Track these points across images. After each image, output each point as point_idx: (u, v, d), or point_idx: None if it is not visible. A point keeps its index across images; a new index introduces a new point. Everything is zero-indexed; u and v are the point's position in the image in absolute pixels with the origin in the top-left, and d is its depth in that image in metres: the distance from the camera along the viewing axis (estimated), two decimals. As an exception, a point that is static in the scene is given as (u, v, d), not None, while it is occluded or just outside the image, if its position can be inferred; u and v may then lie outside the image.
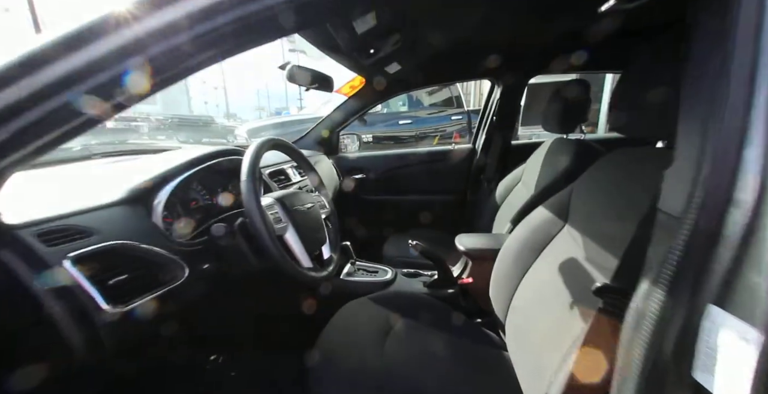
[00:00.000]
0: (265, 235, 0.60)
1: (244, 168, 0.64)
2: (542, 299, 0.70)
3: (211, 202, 0.80)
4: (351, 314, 0.91)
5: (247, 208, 0.60)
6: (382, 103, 4.68)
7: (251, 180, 0.63)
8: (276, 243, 0.62)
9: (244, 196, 0.61)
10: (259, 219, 0.60)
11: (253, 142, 0.69)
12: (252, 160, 0.65)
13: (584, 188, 0.76)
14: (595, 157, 1.11)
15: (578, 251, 0.66)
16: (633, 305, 0.36)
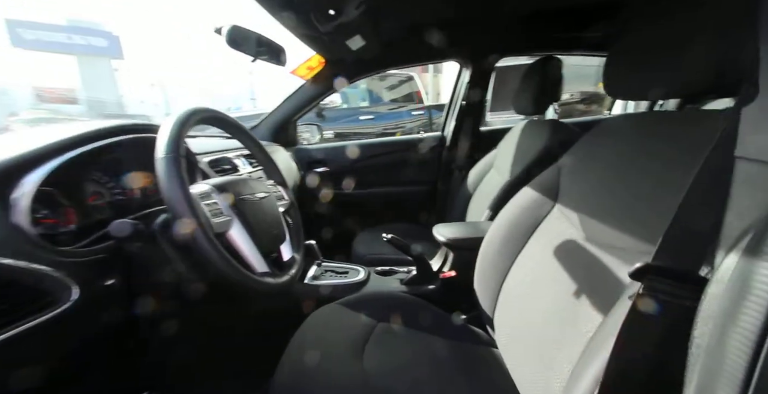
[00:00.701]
0: (197, 232, 0.44)
1: (161, 141, 0.47)
2: (537, 287, 0.62)
3: (124, 197, 0.61)
4: (320, 323, 0.77)
5: (166, 196, 0.44)
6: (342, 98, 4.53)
7: (173, 157, 0.46)
8: (214, 242, 0.45)
9: (161, 178, 0.44)
10: (186, 209, 0.43)
11: (173, 114, 0.52)
12: (174, 131, 0.48)
13: (575, 165, 0.69)
14: (571, 135, 1.09)
15: (576, 232, 0.59)
16: (715, 288, 0.27)
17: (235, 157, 0.98)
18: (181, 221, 0.43)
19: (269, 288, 0.55)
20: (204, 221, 0.45)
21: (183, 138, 0.49)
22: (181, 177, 0.45)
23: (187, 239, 0.44)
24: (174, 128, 0.48)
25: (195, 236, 0.43)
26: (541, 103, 1.13)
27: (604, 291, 0.46)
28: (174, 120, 0.49)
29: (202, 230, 0.44)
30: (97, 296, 0.44)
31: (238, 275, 0.47)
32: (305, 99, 1.55)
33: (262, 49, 0.87)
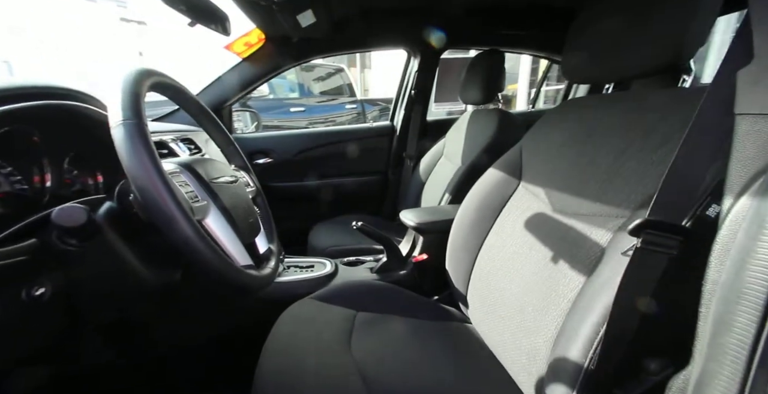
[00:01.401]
0: (179, 218, 0.34)
1: (115, 103, 0.35)
2: (512, 261, 0.66)
3: (27, 187, 0.45)
4: (296, 320, 0.70)
5: (134, 173, 0.33)
6: (268, 87, 4.19)
7: (136, 123, 0.35)
8: (200, 231, 0.36)
9: (124, 151, 0.33)
10: (163, 190, 0.33)
11: (122, 70, 0.40)
12: (131, 91, 0.36)
13: (536, 144, 0.75)
14: (517, 122, 1.20)
15: (543, 205, 0.65)
16: (728, 229, 0.31)
17: (171, 141, 0.82)
18: (157, 205, 0.33)
19: (255, 281, 0.47)
20: (185, 204, 0.36)
21: (143, 101, 0.37)
22: (152, 149, 0.34)
23: (166, 227, 0.34)
24: (129, 88, 0.36)
25: (176, 222, 0.34)
26: (488, 93, 1.21)
27: (581, 256, 0.51)
28: (126, 78, 0.37)
29: (185, 215, 0.34)
30: (24, 309, 0.31)
31: (229, 270, 0.39)
32: (241, 81, 1.38)
33: (203, 12, 0.73)
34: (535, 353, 0.53)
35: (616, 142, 0.54)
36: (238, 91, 1.39)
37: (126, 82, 0.37)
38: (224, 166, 0.56)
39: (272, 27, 1.16)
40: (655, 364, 0.37)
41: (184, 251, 0.36)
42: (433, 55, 1.45)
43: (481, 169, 0.84)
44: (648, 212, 0.37)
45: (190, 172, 0.44)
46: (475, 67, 1.22)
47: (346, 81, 4.81)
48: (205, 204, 0.43)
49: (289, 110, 4.34)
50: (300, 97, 4.58)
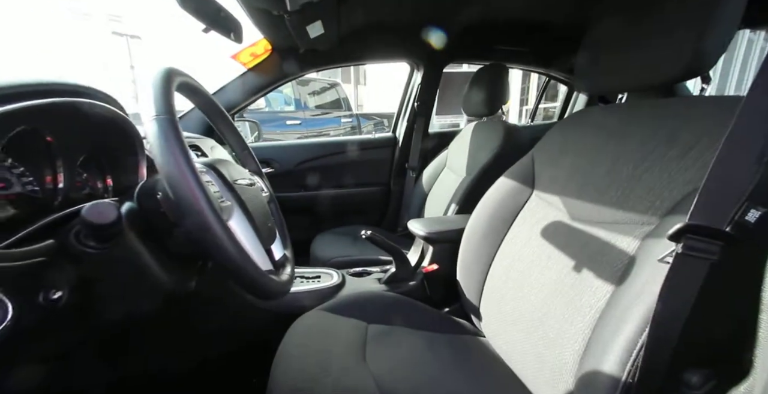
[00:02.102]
0: (212, 218, 0.32)
1: (148, 99, 0.34)
2: (529, 270, 0.65)
3: (39, 188, 0.42)
4: (307, 331, 0.67)
5: (166, 168, 0.31)
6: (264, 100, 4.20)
7: (168, 119, 0.33)
8: (229, 231, 0.34)
9: (157, 145, 0.31)
10: (197, 188, 0.31)
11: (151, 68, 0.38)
12: (163, 87, 0.35)
13: (549, 153, 0.75)
14: (521, 133, 1.22)
15: (560, 214, 0.64)
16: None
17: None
18: (190, 203, 0.31)
19: (280, 288, 0.44)
20: (216, 204, 0.34)
21: (173, 98, 0.36)
22: (185, 145, 0.33)
23: (197, 227, 0.31)
24: (161, 83, 0.35)
25: (208, 223, 0.32)
26: (492, 105, 1.23)
27: (606, 264, 0.50)
28: (158, 74, 0.36)
29: (216, 215, 0.32)
30: (40, 314, 0.28)
31: (258, 274, 0.36)
32: (245, 91, 1.38)
33: (218, 19, 0.73)
34: (561, 366, 0.51)
35: (635, 150, 0.54)
36: (241, 101, 1.39)
37: (158, 77, 0.36)
38: (243, 169, 0.55)
39: (280, 37, 1.17)
40: (698, 377, 0.35)
41: (213, 253, 0.33)
42: (436, 68, 1.48)
43: (488, 180, 0.84)
44: (688, 216, 0.37)
45: (215, 172, 0.42)
46: (480, 80, 1.25)
47: (342, 95, 4.89)
48: (229, 205, 0.41)
49: (285, 123, 4.35)
50: (296, 110, 4.61)
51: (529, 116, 2.04)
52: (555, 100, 2.99)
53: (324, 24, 1.06)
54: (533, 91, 6.27)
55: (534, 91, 6.20)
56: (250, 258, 0.37)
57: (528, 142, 1.21)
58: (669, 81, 0.53)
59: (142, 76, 8.30)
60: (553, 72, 1.69)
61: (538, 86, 3.92)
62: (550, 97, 4.20)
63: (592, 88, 0.68)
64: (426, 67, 1.46)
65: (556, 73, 1.69)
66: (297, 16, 0.95)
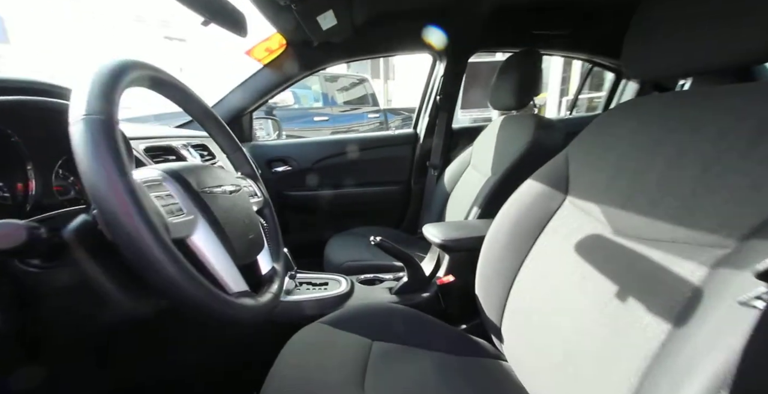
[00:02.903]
0: (144, 236, 0.27)
1: (80, 96, 0.29)
2: (556, 289, 0.55)
3: (8, 195, 0.39)
4: (305, 348, 0.62)
5: (91, 180, 0.26)
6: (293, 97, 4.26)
7: (101, 120, 0.28)
8: (172, 252, 0.29)
9: (81, 152, 0.26)
10: (127, 201, 0.26)
11: (100, 60, 0.34)
12: (102, 83, 0.30)
13: (587, 152, 0.63)
14: (557, 129, 1.08)
15: (600, 226, 0.53)
16: None
17: (181, 147, 0.77)
18: (117, 220, 0.26)
19: (250, 313, 0.39)
20: (157, 220, 0.28)
21: (118, 96, 0.31)
22: (118, 151, 0.27)
23: (130, 249, 0.26)
24: (103, 78, 0.30)
25: (141, 242, 0.26)
26: (522, 97, 1.10)
27: (660, 295, 0.40)
28: (101, 69, 0.31)
29: (153, 233, 0.27)
30: None
31: (210, 299, 0.31)
32: (262, 88, 1.35)
33: (218, 10, 0.69)
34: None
35: (705, 149, 0.42)
36: (259, 97, 1.37)
37: (98, 71, 0.31)
38: (226, 173, 0.49)
39: (293, 31, 1.12)
40: None
41: (150, 279, 0.28)
42: (461, 59, 1.36)
43: (515, 181, 0.73)
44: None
45: (177, 180, 0.37)
46: (508, 69, 1.12)
47: (369, 91, 4.83)
48: (191, 218, 0.36)
49: (313, 119, 4.39)
50: (324, 106, 4.63)
51: (568, 108, 1.84)
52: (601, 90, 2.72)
53: (336, 14, 1.00)
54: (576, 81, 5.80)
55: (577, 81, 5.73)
56: (201, 282, 0.31)
57: (563, 138, 1.06)
58: (751, 61, 0.40)
59: (188, 77, 8.89)
60: (598, 57, 1.50)
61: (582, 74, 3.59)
62: (595, 87, 3.84)
63: (645, 72, 0.56)
64: (449, 58, 1.35)
65: (600, 58, 1.49)
66: (304, 5, 0.89)
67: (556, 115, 5.38)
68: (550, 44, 1.36)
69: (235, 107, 1.35)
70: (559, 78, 5.99)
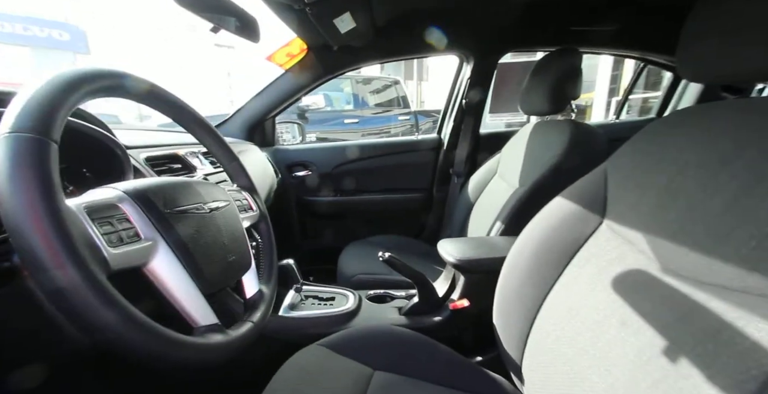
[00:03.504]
0: (67, 273, 0.23)
1: (12, 109, 0.26)
2: (588, 332, 0.45)
3: None
4: (299, 375, 0.57)
5: (5, 208, 0.23)
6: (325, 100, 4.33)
7: (32, 139, 0.25)
8: (101, 287, 0.25)
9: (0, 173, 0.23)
10: (40, 233, 0.23)
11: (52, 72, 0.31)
12: (42, 96, 0.27)
13: (630, 168, 0.53)
14: (597, 137, 0.95)
15: (644, 259, 0.43)
16: None
17: (190, 155, 0.76)
18: (32, 257, 0.22)
19: (216, 352, 0.35)
20: (87, 253, 0.25)
21: (62, 111, 0.28)
22: (46, 176, 0.24)
23: (49, 290, 0.23)
24: (42, 93, 0.27)
25: (61, 281, 0.23)
26: (558, 101, 0.98)
27: (726, 358, 0.30)
28: (49, 80, 0.28)
29: (80, 269, 0.23)
30: None
31: (160, 344, 0.27)
32: (284, 93, 1.35)
33: (226, 15, 0.67)
34: None
35: None
36: (281, 102, 1.37)
37: (47, 82, 0.28)
38: (211, 188, 0.46)
39: (313, 35, 1.10)
40: None
41: (80, 325, 0.24)
42: (490, 60, 1.26)
43: (545, 196, 0.63)
44: None
45: (138, 200, 0.34)
46: (543, 70, 1.01)
47: (401, 93, 4.79)
48: (147, 245, 0.32)
49: (343, 122, 4.43)
50: (354, 108, 4.66)
51: (615, 111, 1.65)
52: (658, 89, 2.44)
53: (354, 16, 0.95)
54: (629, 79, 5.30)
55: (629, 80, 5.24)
56: (144, 322, 0.27)
57: (606, 148, 0.93)
58: None
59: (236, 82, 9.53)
60: (651, 55, 1.32)
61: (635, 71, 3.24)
62: (651, 85, 3.45)
63: (703, 74, 0.45)
64: (476, 59, 1.25)
65: (653, 55, 1.31)
66: (319, 8, 0.85)
67: (604, 118, 4.95)
68: (592, 41, 1.21)
69: (258, 112, 1.36)
70: (608, 76, 5.49)
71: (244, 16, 0.73)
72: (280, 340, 0.75)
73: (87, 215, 0.28)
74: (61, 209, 0.24)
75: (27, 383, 0.34)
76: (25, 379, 0.33)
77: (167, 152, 0.70)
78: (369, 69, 5.94)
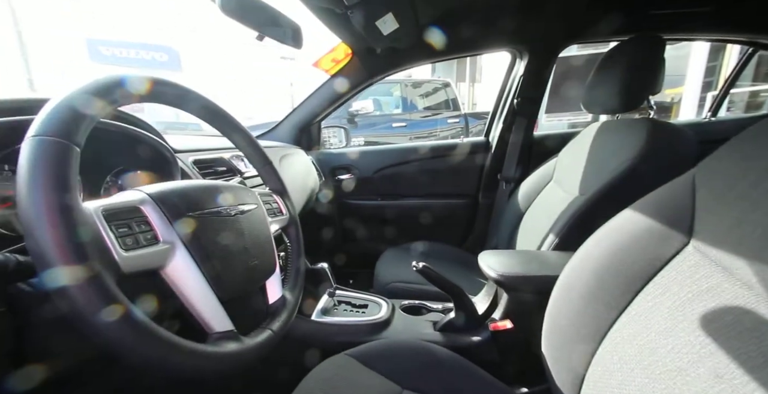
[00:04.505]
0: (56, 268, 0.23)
1: (41, 115, 0.27)
2: (666, 374, 0.36)
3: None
4: (322, 386, 0.55)
5: (24, 209, 0.24)
6: (375, 105, 4.40)
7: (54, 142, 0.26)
8: (104, 286, 0.25)
9: (19, 176, 0.24)
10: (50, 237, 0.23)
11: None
12: (72, 102, 0.29)
13: (727, 177, 0.41)
14: (683, 138, 0.80)
15: (746, 294, 0.33)
16: None
17: (235, 158, 0.80)
18: (38, 252, 0.23)
19: (229, 361, 0.34)
20: (89, 252, 0.25)
21: (92, 118, 0.29)
22: (63, 178, 0.25)
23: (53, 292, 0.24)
24: (69, 99, 0.29)
25: (61, 279, 0.23)
26: (632, 96, 0.84)
27: None
28: (80, 87, 0.30)
29: (83, 268, 0.24)
30: None
31: (169, 351, 0.26)
32: (329, 98, 1.37)
33: (270, 23, 0.69)
34: None
35: None
36: (326, 107, 1.40)
37: (78, 89, 0.30)
38: (240, 192, 0.47)
39: (356, 39, 1.10)
40: None
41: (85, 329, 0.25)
42: (549, 54, 1.14)
43: (613, 206, 0.53)
44: None
45: (161, 203, 0.34)
46: (613, 62, 0.88)
47: (451, 96, 4.68)
48: (165, 248, 0.33)
49: (391, 126, 4.45)
50: (403, 112, 4.66)
51: (710, 108, 1.37)
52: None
53: (396, 17, 0.93)
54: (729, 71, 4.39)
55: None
56: (152, 329, 0.27)
57: (694, 152, 0.78)
58: None
59: (297, 92, 10.42)
60: (762, 37, 1.07)
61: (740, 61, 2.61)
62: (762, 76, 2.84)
63: None
64: (531, 54, 1.14)
65: (766, 38, 1.07)
66: (360, 11, 0.84)
67: (695, 115, 4.22)
68: (677, 26, 1.03)
69: (305, 117, 1.41)
70: (701, 68, 4.67)
71: (288, 24, 0.74)
72: (311, 345, 0.75)
73: (103, 218, 0.28)
74: (73, 208, 0.25)
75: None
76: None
77: (214, 156, 0.74)
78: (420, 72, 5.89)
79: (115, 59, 10.75)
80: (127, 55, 10.74)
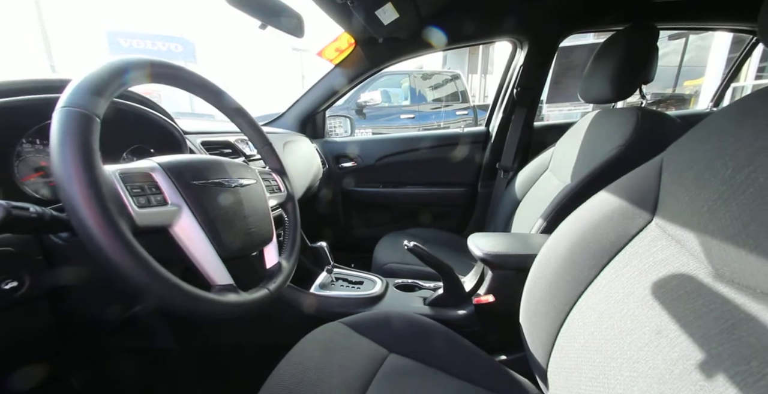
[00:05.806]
0: (96, 222, 0.29)
1: (70, 87, 0.33)
2: (623, 340, 0.40)
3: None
4: (317, 347, 0.61)
5: (54, 171, 0.29)
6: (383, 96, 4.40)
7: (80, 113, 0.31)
8: (125, 240, 0.30)
9: (53, 141, 0.30)
10: (79, 188, 0.29)
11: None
12: (97, 78, 0.34)
13: (690, 161, 0.44)
14: (669, 126, 0.82)
15: (695, 264, 0.37)
16: None
17: (240, 142, 0.86)
18: (72, 208, 0.29)
19: (228, 308, 0.39)
20: (114, 208, 0.31)
21: (110, 93, 0.35)
22: (87, 145, 0.31)
23: (84, 236, 0.29)
24: (94, 75, 0.34)
25: (92, 229, 0.29)
26: (624, 85, 0.86)
27: (765, 365, 0.26)
28: (101, 66, 0.36)
29: (106, 220, 0.29)
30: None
31: (171, 292, 0.32)
32: (333, 87, 1.41)
33: (273, 13, 0.73)
34: None
35: None
36: (330, 96, 1.44)
37: (99, 68, 0.35)
38: (241, 168, 0.52)
39: (358, 29, 1.13)
40: None
41: (108, 269, 0.30)
42: (549, 43, 1.15)
43: (597, 191, 0.57)
44: None
45: (168, 171, 0.40)
46: (608, 51, 0.89)
47: (460, 88, 4.64)
48: (173, 209, 0.38)
49: (399, 117, 4.46)
50: (411, 104, 4.65)
51: (712, 98, 1.35)
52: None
53: (396, 7, 0.96)
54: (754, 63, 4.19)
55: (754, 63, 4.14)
56: (160, 274, 0.32)
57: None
58: None
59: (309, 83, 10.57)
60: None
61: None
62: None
63: None
64: (531, 44, 1.16)
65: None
66: (360, 1, 0.88)
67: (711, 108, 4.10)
68: (679, 15, 1.02)
69: (309, 106, 1.45)
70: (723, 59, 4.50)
71: (289, 13, 0.78)
72: (308, 315, 0.81)
73: (120, 180, 0.34)
74: (97, 170, 0.31)
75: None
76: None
77: (221, 139, 0.79)
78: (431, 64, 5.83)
79: (132, 50, 11.02)
80: (144, 47, 10.99)
